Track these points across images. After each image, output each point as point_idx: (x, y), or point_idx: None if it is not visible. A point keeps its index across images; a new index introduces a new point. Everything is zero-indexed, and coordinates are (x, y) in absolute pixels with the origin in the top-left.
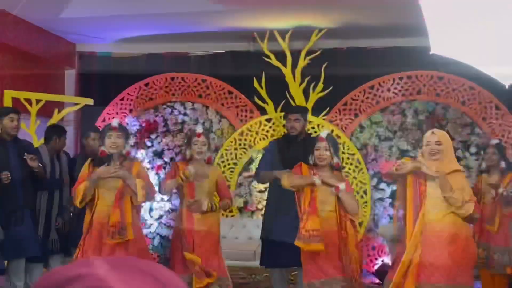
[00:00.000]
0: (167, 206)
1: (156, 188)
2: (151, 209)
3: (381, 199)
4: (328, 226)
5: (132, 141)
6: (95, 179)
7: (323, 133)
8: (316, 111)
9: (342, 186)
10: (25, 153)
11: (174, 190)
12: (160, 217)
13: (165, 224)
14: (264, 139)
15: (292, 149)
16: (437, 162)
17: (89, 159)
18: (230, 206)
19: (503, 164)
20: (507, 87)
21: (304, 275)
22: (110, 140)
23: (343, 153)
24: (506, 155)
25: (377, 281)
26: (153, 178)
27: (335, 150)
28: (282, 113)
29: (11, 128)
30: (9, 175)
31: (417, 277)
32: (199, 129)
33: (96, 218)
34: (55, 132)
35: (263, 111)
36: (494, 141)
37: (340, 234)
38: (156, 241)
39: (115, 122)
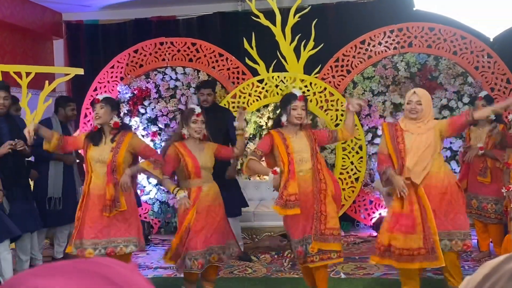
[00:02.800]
0: None
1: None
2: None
3: (377, 154)
4: (305, 186)
5: (125, 109)
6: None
7: (298, 92)
8: (308, 69)
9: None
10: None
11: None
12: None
13: (163, 190)
14: (257, 100)
15: (209, 121)
16: (417, 120)
17: (84, 134)
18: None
19: (492, 116)
20: (492, 40)
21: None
22: (94, 112)
23: (337, 110)
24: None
25: (375, 234)
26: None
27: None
28: (275, 74)
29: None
30: (23, 143)
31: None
32: (198, 109)
33: (92, 190)
34: None
35: (255, 72)
36: (483, 93)
37: (317, 189)
38: (156, 207)
39: (99, 96)
